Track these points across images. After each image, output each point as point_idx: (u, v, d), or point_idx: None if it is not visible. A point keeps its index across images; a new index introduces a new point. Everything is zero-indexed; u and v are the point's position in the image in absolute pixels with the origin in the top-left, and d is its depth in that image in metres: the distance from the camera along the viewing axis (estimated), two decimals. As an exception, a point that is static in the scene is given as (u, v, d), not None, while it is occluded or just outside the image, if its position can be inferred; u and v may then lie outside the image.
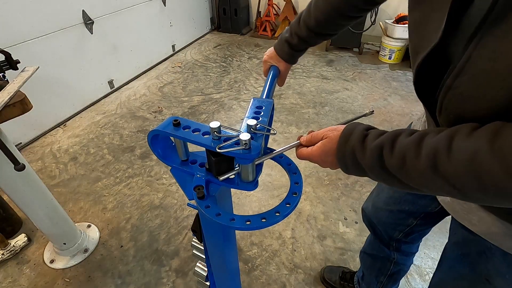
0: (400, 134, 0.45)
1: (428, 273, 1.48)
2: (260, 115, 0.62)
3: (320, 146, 0.54)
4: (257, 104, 0.66)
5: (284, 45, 0.85)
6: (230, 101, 2.93)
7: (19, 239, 1.61)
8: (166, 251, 1.60)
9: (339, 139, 0.51)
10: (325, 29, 0.79)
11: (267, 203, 1.86)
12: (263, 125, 0.57)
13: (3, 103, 0.91)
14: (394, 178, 0.45)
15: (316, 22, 0.77)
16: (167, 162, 0.64)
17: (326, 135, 0.54)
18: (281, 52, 0.87)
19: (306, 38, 0.82)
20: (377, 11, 3.58)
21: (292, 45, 0.84)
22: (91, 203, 1.89)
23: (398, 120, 2.61)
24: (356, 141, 0.48)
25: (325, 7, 0.75)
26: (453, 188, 0.38)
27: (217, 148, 0.50)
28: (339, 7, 0.74)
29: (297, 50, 0.86)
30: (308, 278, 1.47)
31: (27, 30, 2.17)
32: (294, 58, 0.88)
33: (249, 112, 0.64)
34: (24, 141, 2.36)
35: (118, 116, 2.73)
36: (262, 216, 0.52)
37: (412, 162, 0.41)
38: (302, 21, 0.80)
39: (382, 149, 0.45)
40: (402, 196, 0.88)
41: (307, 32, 0.80)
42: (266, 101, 0.68)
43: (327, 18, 0.76)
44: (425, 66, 0.48)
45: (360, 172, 0.50)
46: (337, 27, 0.80)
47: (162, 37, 3.73)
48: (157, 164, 2.17)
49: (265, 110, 0.64)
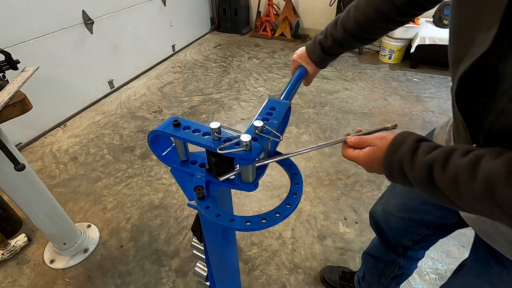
0: (453, 152, 0.42)
1: (428, 273, 1.48)
2: (271, 117, 0.60)
3: (367, 153, 0.54)
4: (271, 105, 0.63)
5: (316, 47, 0.81)
6: (230, 101, 2.93)
7: (19, 239, 1.61)
8: (166, 251, 1.60)
9: (388, 148, 0.50)
10: (364, 32, 0.75)
11: (267, 203, 1.86)
12: (270, 128, 0.56)
13: (3, 103, 0.91)
14: (442, 195, 0.43)
15: (356, 24, 0.73)
16: (167, 162, 0.64)
17: (375, 142, 0.53)
18: (312, 53, 0.83)
19: (342, 41, 0.77)
20: (377, 11, 3.57)
21: (325, 47, 0.80)
22: (91, 203, 1.89)
23: (398, 120, 2.61)
24: (405, 152, 0.47)
25: (368, 8, 0.71)
26: (506, 215, 0.37)
27: (217, 149, 0.50)
28: (383, 9, 0.69)
29: (330, 54, 0.82)
30: (308, 278, 1.47)
31: (27, 30, 2.17)
32: (324, 62, 0.84)
33: (260, 113, 0.61)
34: (24, 141, 2.36)
35: (118, 116, 2.73)
36: (262, 217, 0.52)
37: (466, 185, 0.39)
38: (339, 22, 0.76)
39: (433, 166, 0.43)
40: (417, 205, 0.85)
41: (343, 34, 0.75)
42: (282, 103, 0.65)
43: (368, 20, 0.72)
44: (470, 77, 0.44)
45: (405, 183, 0.49)
46: (377, 31, 0.76)
47: (162, 37, 3.73)
48: (157, 164, 2.17)
49: (278, 112, 0.62)
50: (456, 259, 1.54)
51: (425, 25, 3.35)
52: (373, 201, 1.86)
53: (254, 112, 2.76)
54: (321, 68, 0.86)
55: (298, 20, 4.35)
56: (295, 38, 4.33)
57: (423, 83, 3.22)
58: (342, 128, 2.54)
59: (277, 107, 0.63)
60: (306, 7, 4.30)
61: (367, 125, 2.56)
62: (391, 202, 0.95)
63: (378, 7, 0.70)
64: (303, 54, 0.85)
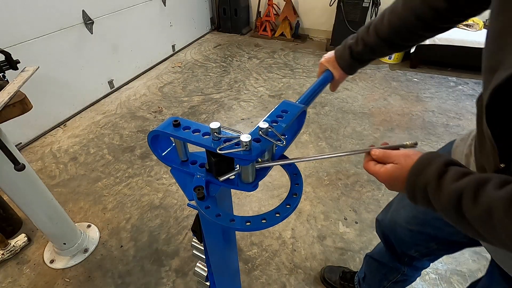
0: (487, 182, 0.38)
1: (428, 273, 1.48)
2: (280, 120, 0.58)
3: (390, 170, 0.51)
4: (284, 108, 0.61)
5: (345, 51, 0.77)
6: (230, 101, 2.93)
7: (19, 239, 1.61)
8: (166, 251, 1.60)
9: (412, 169, 0.46)
10: (399, 38, 0.70)
11: (267, 203, 1.86)
12: (275, 131, 0.54)
13: (3, 103, 0.91)
14: (470, 227, 0.40)
15: (390, 28, 0.68)
16: (167, 162, 0.64)
17: (399, 160, 0.50)
18: (341, 58, 0.79)
19: (374, 46, 0.72)
20: (377, 11, 3.58)
21: (354, 52, 0.76)
22: (91, 203, 1.89)
23: (398, 120, 2.61)
24: (431, 177, 0.43)
25: (405, 12, 0.65)
26: None
27: (218, 149, 0.50)
28: (422, 14, 0.63)
29: (359, 60, 0.77)
30: (308, 278, 1.47)
31: (27, 30, 2.17)
32: (352, 68, 0.80)
33: (270, 114, 0.59)
34: (24, 141, 2.36)
35: (118, 116, 2.73)
36: (262, 217, 0.52)
37: (502, 222, 0.35)
38: (372, 26, 0.72)
39: (463, 195, 0.39)
40: (428, 219, 0.81)
41: (376, 39, 0.71)
42: (295, 106, 0.62)
43: (404, 25, 0.66)
44: (506, 88, 0.39)
45: (429, 207, 0.46)
46: (414, 37, 0.70)
47: (162, 37, 3.73)
48: (157, 164, 2.17)
49: (288, 115, 0.59)
50: (456, 259, 1.54)
51: (425, 25, 3.35)
52: (373, 201, 1.86)
53: (254, 112, 2.76)
54: (348, 74, 0.82)
55: (298, 20, 4.35)
56: (295, 38, 4.33)
57: (423, 83, 3.22)
58: (342, 128, 2.54)
59: (290, 110, 0.61)
60: (306, 7, 4.30)
61: (367, 125, 2.56)
62: (400, 212, 0.91)
63: (416, 12, 0.64)
64: (331, 58, 0.81)
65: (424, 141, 2.35)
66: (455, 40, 3.10)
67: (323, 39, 4.36)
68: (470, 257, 1.55)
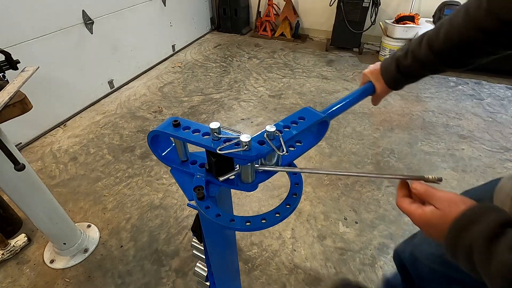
0: None
1: (428, 273, 1.48)
2: (293, 127, 0.55)
3: (428, 216, 0.42)
4: (303, 114, 0.58)
5: (392, 64, 0.70)
6: (230, 101, 2.93)
7: (19, 239, 1.61)
8: (166, 251, 1.60)
9: (456, 221, 0.39)
10: (458, 53, 0.60)
11: (267, 203, 1.86)
12: (280, 137, 0.52)
13: (3, 103, 0.91)
14: None
15: (446, 41, 0.59)
16: (167, 162, 0.64)
17: (442, 204, 0.42)
18: (386, 71, 0.72)
19: (425, 60, 0.64)
20: (377, 11, 3.58)
21: (402, 66, 0.68)
22: (91, 203, 1.89)
23: (398, 120, 2.61)
24: (480, 237, 0.35)
25: (466, 23, 0.56)
26: None
27: (217, 149, 0.50)
28: (488, 27, 0.53)
29: (406, 74, 0.69)
30: (308, 278, 1.47)
31: (27, 30, 2.17)
32: (397, 83, 0.72)
33: (285, 118, 0.57)
34: (24, 141, 2.36)
35: (118, 116, 2.73)
36: (262, 217, 0.52)
37: None
38: (426, 38, 0.64)
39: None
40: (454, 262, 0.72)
41: (428, 52, 0.62)
42: (315, 115, 0.58)
43: (465, 39, 0.57)
44: None
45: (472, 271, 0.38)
46: (477, 53, 0.59)
47: (162, 37, 3.73)
48: (157, 164, 2.17)
49: (303, 123, 0.56)
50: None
51: (425, 25, 3.35)
52: (373, 201, 1.86)
53: (254, 112, 2.76)
54: (392, 89, 0.74)
55: (298, 20, 4.35)
56: (295, 38, 4.33)
57: (423, 83, 3.22)
58: (342, 128, 2.54)
59: (308, 118, 0.57)
60: (306, 7, 4.30)
61: (367, 125, 2.56)
62: (423, 248, 0.82)
63: (481, 24, 0.54)
64: (376, 69, 0.74)
65: (424, 141, 2.35)
66: (455, 40, 3.10)
67: (323, 39, 4.36)
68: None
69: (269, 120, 2.64)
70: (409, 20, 3.35)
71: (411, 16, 3.37)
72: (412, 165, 2.14)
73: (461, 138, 2.40)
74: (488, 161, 2.16)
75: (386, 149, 2.29)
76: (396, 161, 2.17)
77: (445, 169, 2.10)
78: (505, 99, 2.90)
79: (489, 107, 2.78)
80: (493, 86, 3.12)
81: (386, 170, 2.10)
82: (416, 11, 3.62)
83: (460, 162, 2.16)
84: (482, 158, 2.20)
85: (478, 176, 2.03)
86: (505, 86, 3.11)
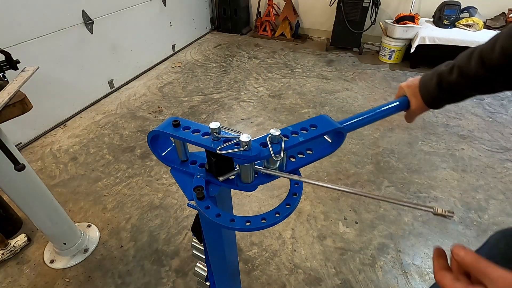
0: None
1: (428, 273, 1.48)
2: (301, 133, 0.53)
3: None
4: (317, 122, 0.54)
5: (432, 80, 0.62)
6: (230, 101, 2.93)
7: (19, 239, 1.61)
8: (166, 251, 1.60)
9: None
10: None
11: (267, 203, 1.86)
12: (282, 144, 0.50)
13: (3, 103, 0.91)
14: None
15: (502, 56, 0.51)
16: (166, 162, 0.64)
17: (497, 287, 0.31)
18: (424, 86, 0.64)
19: (475, 77, 0.56)
20: (377, 11, 3.58)
21: (445, 82, 0.60)
22: (91, 203, 1.89)
23: (398, 120, 2.61)
24: None
25: None
26: None
27: (217, 149, 0.50)
28: None
29: (449, 93, 0.61)
30: (308, 278, 1.47)
31: (27, 30, 2.17)
32: (436, 101, 0.63)
33: (296, 124, 0.55)
34: (24, 141, 2.36)
35: (118, 116, 2.73)
36: (262, 217, 0.52)
37: None
38: (477, 52, 0.55)
39: None
40: None
41: (479, 67, 0.54)
42: (329, 124, 0.55)
43: None
44: None
45: None
46: None
47: (162, 37, 3.73)
48: (157, 164, 2.17)
49: (313, 132, 0.53)
50: (456, 259, 1.54)
51: (425, 25, 3.35)
52: (373, 201, 1.86)
53: (254, 112, 2.76)
54: (430, 107, 0.65)
55: (298, 20, 4.35)
56: (295, 38, 4.33)
57: (423, 83, 3.21)
58: (342, 128, 2.53)
59: (320, 126, 0.54)
60: (306, 7, 4.30)
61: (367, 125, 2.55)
62: None
63: None
64: (415, 83, 0.66)
65: (424, 141, 2.35)
66: (455, 40, 3.10)
67: (323, 39, 4.36)
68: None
69: (269, 120, 2.64)
70: (409, 20, 3.35)
71: (411, 16, 3.37)
72: (412, 165, 2.14)
73: (461, 138, 2.40)
74: (488, 161, 2.16)
75: (386, 149, 2.29)
76: (396, 161, 2.17)
77: (445, 169, 2.10)
78: (505, 99, 2.90)
79: (489, 107, 2.78)
80: (493, 86, 3.12)
81: (386, 170, 2.10)
82: (416, 11, 3.62)
83: (460, 162, 2.16)
84: (482, 158, 2.20)
85: (478, 176, 2.03)
86: (505, 86, 3.10)
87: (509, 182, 1.99)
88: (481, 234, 1.66)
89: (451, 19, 3.24)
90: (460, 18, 3.26)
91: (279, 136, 0.51)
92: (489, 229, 1.68)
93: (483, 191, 1.93)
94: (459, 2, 3.24)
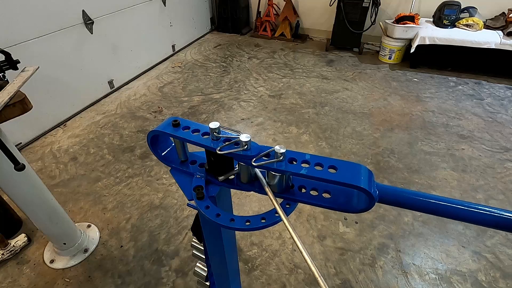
0: None
1: (428, 273, 1.48)
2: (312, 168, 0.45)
3: None
4: (339, 166, 0.46)
5: None
6: (230, 101, 2.93)
7: (19, 239, 1.61)
8: (166, 251, 1.60)
9: None
10: None
11: (267, 203, 1.86)
12: (282, 165, 0.46)
13: (3, 103, 0.91)
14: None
15: None
16: (166, 162, 0.64)
17: None
18: None
19: None
20: (377, 11, 3.58)
21: None
22: (91, 203, 1.89)
23: (398, 120, 2.61)
24: None
25: None
26: None
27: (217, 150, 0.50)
28: None
29: None
30: (308, 278, 1.47)
31: (27, 30, 2.17)
32: None
33: (319, 156, 0.47)
34: (24, 141, 2.36)
35: (118, 116, 2.73)
36: (262, 217, 0.52)
37: None
38: None
39: None
40: None
41: None
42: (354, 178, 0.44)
43: None
44: None
45: None
46: None
47: (162, 37, 3.73)
48: (157, 164, 2.17)
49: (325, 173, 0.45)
50: (456, 259, 1.54)
51: (425, 25, 3.35)
52: (373, 201, 1.86)
53: (254, 112, 2.76)
54: None
55: (298, 20, 4.35)
56: (295, 38, 4.33)
57: (423, 83, 3.22)
58: (342, 128, 2.54)
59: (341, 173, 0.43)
60: (306, 7, 4.30)
61: (367, 125, 2.56)
62: None
63: None
64: None
65: (424, 141, 2.35)
66: (455, 40, 3.10)
67: (323, 39, 4.35)
68: (470, 257, 1.55)
69: (269, 120, 2.64)
70: (409, 20, 3.34)
71: (411, 16, 3.37)
72: (412, 165, 2.14)
73: (461, 138, 2.40)
74: (488, 161, 2.16)
75: (386, 149, 2.29)
76: (396, 161, 2.17)
77: (445, 169, 2.10)
78: (505, 99, 2.90)
79: (489, 107, 2.78)
80: (493, 86, 3.12)
81: (386, 170, 2.10)
82: (416, 11, 3.62)
83: (460, 162, 2.16)
84: (482, 158, 2.19)
85: (478, 176, 2.03)
86: (505, 86, 3.11)
87: (509, 182, 1.99)
88: (481, 234, 1.66)
89: (451, 19, 3.24)
90: (460, 18, 3.26)
91: (282, 154, 0.47)
92: (489, 229, 1.68)
93: (483, 191, 1.93)
94: (459, 2, 3.24)
